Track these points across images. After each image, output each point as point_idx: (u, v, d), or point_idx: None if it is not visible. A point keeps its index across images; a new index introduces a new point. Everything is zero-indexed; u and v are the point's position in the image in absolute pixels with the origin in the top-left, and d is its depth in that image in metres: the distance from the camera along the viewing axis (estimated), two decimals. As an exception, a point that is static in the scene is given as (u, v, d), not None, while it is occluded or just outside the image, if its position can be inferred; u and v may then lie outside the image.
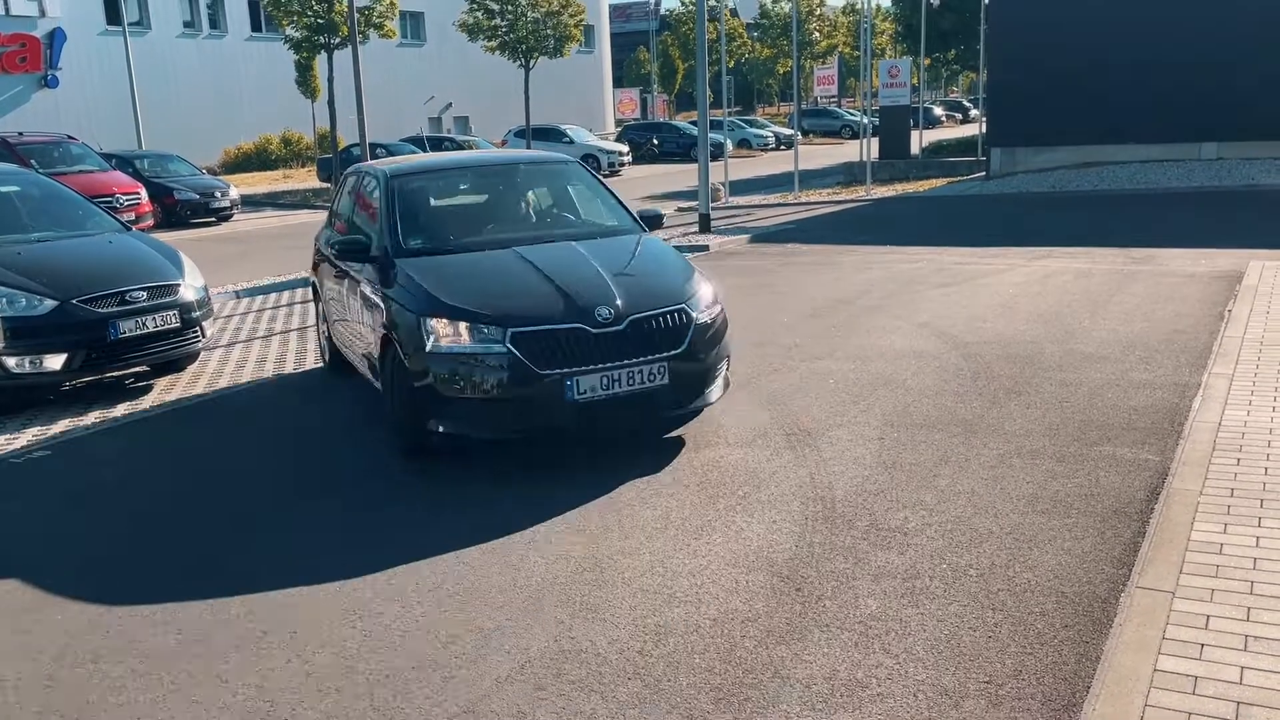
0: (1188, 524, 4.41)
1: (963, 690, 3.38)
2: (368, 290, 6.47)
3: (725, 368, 6.16)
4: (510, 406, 5.51)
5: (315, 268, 8.52)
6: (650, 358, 5.60)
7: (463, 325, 5.57)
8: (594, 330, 5.51)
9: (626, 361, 5.53)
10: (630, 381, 5.55)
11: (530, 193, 7.65)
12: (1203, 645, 3.46)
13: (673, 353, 5.67)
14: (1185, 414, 6.02)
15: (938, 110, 56.13)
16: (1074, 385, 6.78)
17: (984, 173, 24.23)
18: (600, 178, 7.80)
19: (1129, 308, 9.13)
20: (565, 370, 5.44)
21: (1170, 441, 5.59)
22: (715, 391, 6.04)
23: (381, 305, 6.11)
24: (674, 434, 6.20)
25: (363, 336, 6.72)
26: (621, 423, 5.85)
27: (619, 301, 5.64)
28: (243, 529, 5.14)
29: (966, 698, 3.33)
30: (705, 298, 6.01)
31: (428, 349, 5.58)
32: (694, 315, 5.82)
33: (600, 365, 5.48)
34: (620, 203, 7.34)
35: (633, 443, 6.05)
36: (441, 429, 5.65)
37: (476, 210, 7.43)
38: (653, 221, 7.20)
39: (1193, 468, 5.06)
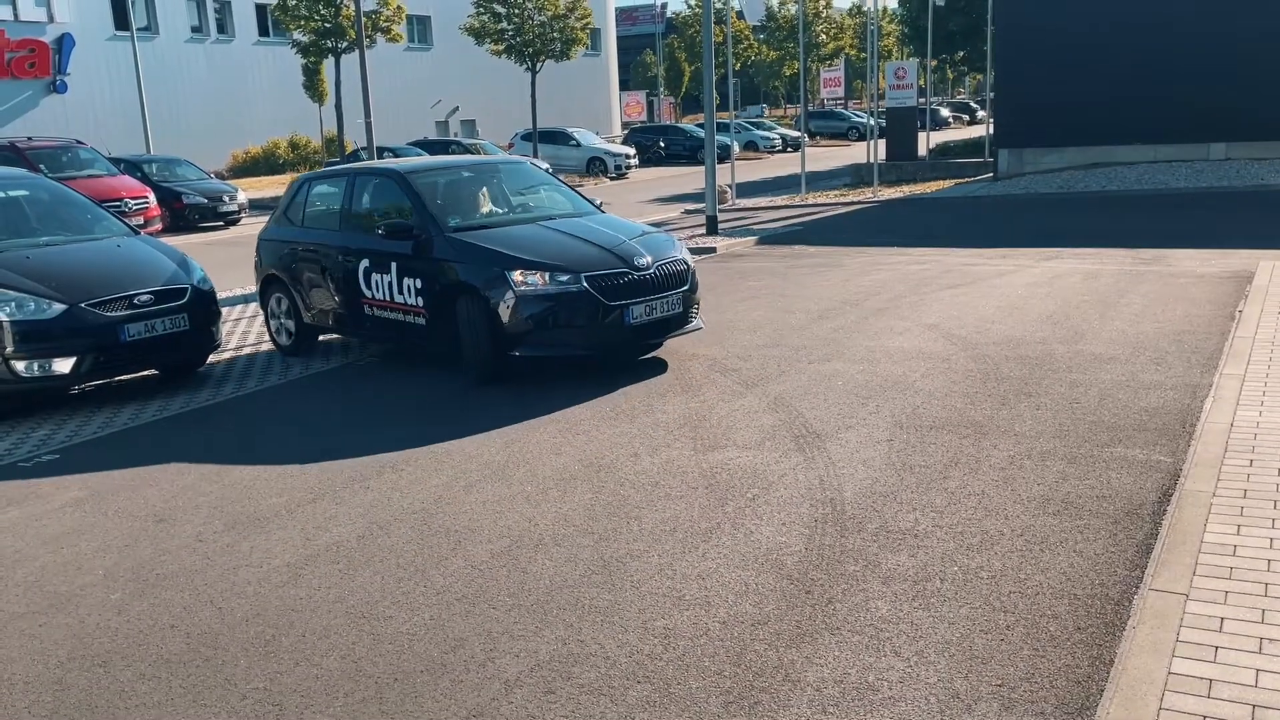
0: (1200, 526, 4.38)
1: (975, 693, 3.35)
2: (412, 263, 7.95)
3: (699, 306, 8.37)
4: (585, 330, 7.43)
5: (284, 266, 9.31)
6: (672, 291, 7.75)
7: (541, 274, 7.38)
8: (636, 273, 7.54)
9: (659, 295, 7.65)
10: (662, 309, 7.68)
11: (511, 185, 9.25)
12: (1217, 648, 3.43)
13: (682, 289, 7.84)
14: (1197, 415, 5.98)
15: (945, 112, 56.06)
16: (1084, 386, 6.75)
17: (991, 174, 24.16)
18: (550, 174, 9.85)
19: (1138, 308, 9.09)
20: (625, 302, 7.44)
21: (1182, 443, 5.56)
22: (698, 321, 8.21)
23: (440, 270, 7.78)
24: (682, 435, 6.19)
25: (390, 305, 8.20)
26: (654, 339, 7.92)
27: (647, 255, 7.69)
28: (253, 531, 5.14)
29: (979, 701, 3.31)
30: (688, 254, 8.22)
31: (514, 292, 7.33)
32: (690, 263, 8.06)
33: (644, 298, 7.53)
34: (576, 192, 9.34)
35: (640, 444, 6.05)
36: (519, 354, 7.45)
37: (481, 198, 8.81)
38: (600, 208, 9.14)
39: (1205, 469, 5.03)
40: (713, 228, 16.42)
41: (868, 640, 3.71)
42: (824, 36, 62.90)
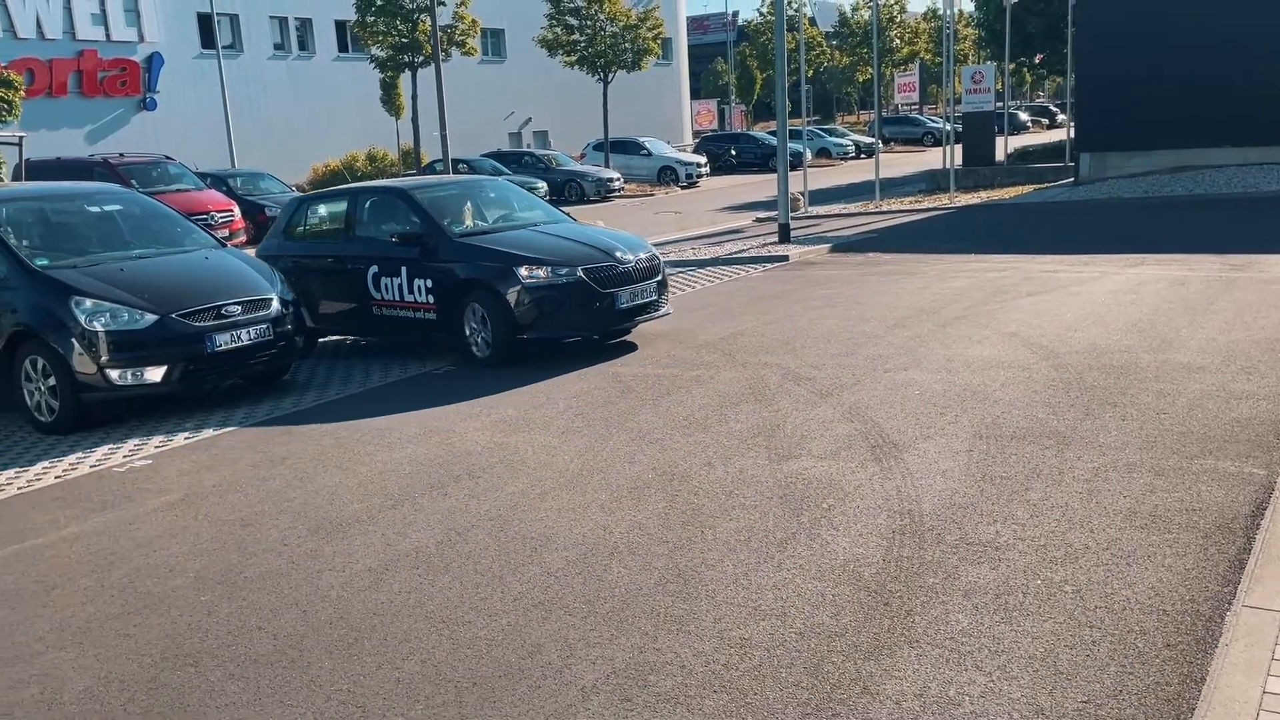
0: (1297, 541, 4.22)
1: (1060, 710, 3.28)
2: (422, 265, 9.13)
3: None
4: (583, 314, 8.75)
5: (287, 277, 9.54)
6: (650, 281, 9.23)
7: (545, 269, 8.69)
8: (620, 265, 8.95)
9: (641, 283, 9.10)
10: (643, 295, 9.13)
11: (494, 198, 10.56)
12: (1316, 668, 3.31)
13: (656, 279, 9.34)
14: (1292, 426, 5.78)
15: (1023, 116, 54.98)
16: (1172, 396, 6.56)
17: (1073, 178, 23.60)
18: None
19: (1228, 316, 8.80)
20: (615, 289, 8.85)
21: (1276, 454, 5.37)
22: (668, 308, 9.67)
23: (450, 271, 9.00)
24: (756, 444, 6.16)
25: (400, 304, 9.35)
26: (638, 320, 9.21)
27: (627, 251, 9.13)
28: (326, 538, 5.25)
29: (1064, 717, 3.24)
30: (657, 251, 9.73)
31: (523, 285, 8.60)
32: (660, 259, 9.62)
33: (629, 285, 8.96)
34: (548, 203, 11.35)
35: (714, 453, 6.04)
36: (527, 337, 8.74)
37: (474, 209, 10.03)
38: (570, 216, 10.53)
39: (1301, 482, 4.86)
40: (785, 235, 16.33)
41: (948, 654, 3.65)
42: (898, 41, 62.20)
